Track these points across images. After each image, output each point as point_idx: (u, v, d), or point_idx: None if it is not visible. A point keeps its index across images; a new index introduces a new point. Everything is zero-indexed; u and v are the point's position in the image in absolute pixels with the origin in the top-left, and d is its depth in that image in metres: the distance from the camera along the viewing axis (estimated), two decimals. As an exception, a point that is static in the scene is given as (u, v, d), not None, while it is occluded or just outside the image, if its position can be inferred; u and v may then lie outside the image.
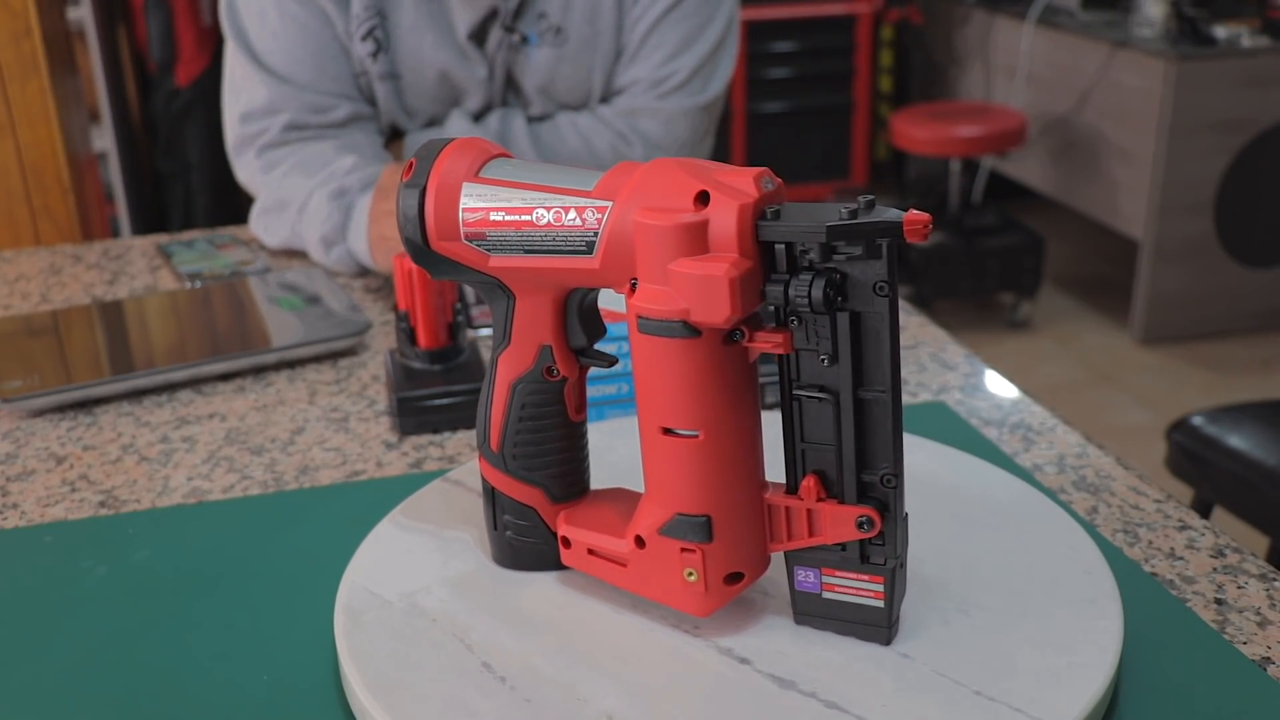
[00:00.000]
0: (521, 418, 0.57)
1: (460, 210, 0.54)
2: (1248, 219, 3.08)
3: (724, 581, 0.53)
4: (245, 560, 0.65)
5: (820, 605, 0.53)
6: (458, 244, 0.54)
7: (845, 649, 0.52)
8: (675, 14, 1.19)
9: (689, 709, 0.50)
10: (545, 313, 0.55)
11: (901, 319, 0.96)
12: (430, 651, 0.54)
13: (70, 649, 0.58)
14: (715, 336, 0.49)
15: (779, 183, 0.50)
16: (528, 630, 0.55)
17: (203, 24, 2.63)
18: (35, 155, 1.80)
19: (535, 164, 0.55)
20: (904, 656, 0.51)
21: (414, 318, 0.82)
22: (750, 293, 0.48)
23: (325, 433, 0.80)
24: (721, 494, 0.51)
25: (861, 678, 0.51)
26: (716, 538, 0.52)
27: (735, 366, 0.50)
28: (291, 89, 1.12)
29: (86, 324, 0.97)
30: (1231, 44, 2.96)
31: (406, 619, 0.56)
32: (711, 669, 0.52)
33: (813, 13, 3.87)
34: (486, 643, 0.54)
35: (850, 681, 0.50)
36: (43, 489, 0.74)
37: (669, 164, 0.50)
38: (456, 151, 0.55)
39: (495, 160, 0.55)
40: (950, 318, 3.36)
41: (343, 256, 1.07)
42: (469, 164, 0.54)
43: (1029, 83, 3.53)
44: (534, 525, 0.58)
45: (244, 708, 0.53)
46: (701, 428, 0.50)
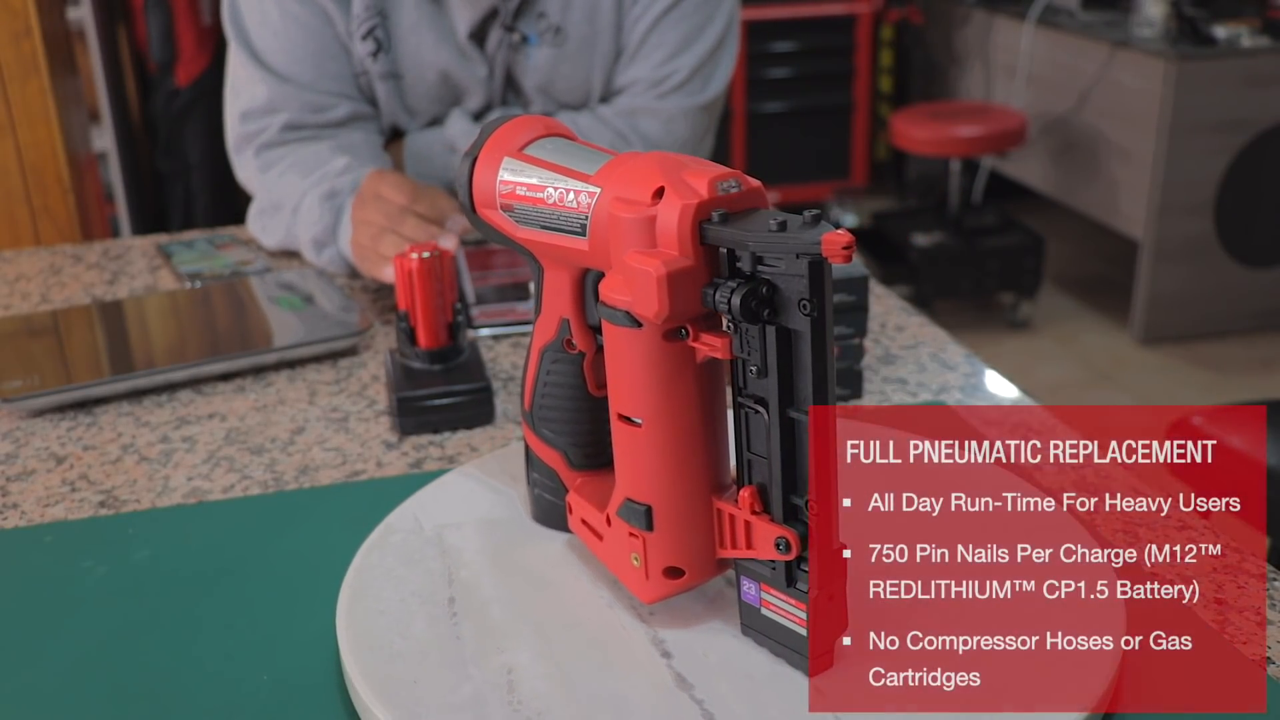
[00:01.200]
0: (546, 383, 0.60)
1: (497, 182, 0.57)
2: (1248, 219, 3.08)
3: (663, 573, 0.54)
4: (245, 560, 0.65)
5: (759, 620, 0.53)
6: (495, 213, 0.58)
7: (771, 668, 0.53)
8: (675, 13, 1.19)
9: (581, 684, 0.52)
10: (565, 287, 0.57)
11: (901, 319, 0.96)
12: (417, 574, 0.60)
13: (70, 649, 0.58)
14: (657, 330, 0.50)
15: (753, 186, 0.50)
16: (508, 579, 0.60)
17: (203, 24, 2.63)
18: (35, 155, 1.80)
19: (574, 145, 0.56)
20: (817, 692, 0.51)
21: (414, 318, 0.82)
22: (688, 292, 0.48)
23: (325, 433, 0.80)
24: (662, 486, 0.53)
25: (758, 700, 0.51)
26: (657, 528, 0.53)
27: (679, 363, 0.51)
28: (291, 88, 1.12)
29: (86, 324, 0.97)
30: (1231, 44, 2.96)
31: (424, 545, 0.62)
32: (632, 654, 0.54)
33: (813, 13, 3.87)
34: (469, 580, 0.59)
35: (746, 700, 0.51)
36: (43, 489, 0.74)
37: (648, 157, 0.51)
38: (513, 127, 0.58)
39: (544, 139, 0.57)
40: (950, 318, 3.36)
41: (334, 258, 1.07)
42: (519, 140, 0.57)
43: (1029, 83, 3.53)
44: (557, 486, 0.61)
45: (244, 707, 0.53)
46: (644, 417, 0.52)
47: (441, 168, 1.21)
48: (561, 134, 0.58)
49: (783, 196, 3.82)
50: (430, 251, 0.80)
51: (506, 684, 0.52)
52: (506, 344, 0.94)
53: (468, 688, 0.53)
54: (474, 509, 0.66)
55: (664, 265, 0.48)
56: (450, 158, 1.20)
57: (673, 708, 0.50)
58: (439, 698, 0.52)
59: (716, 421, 0.53)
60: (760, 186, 0.50)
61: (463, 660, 0.54)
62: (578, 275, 0.57)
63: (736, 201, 0.49)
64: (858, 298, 0.79)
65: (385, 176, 1.01)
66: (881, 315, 0.97)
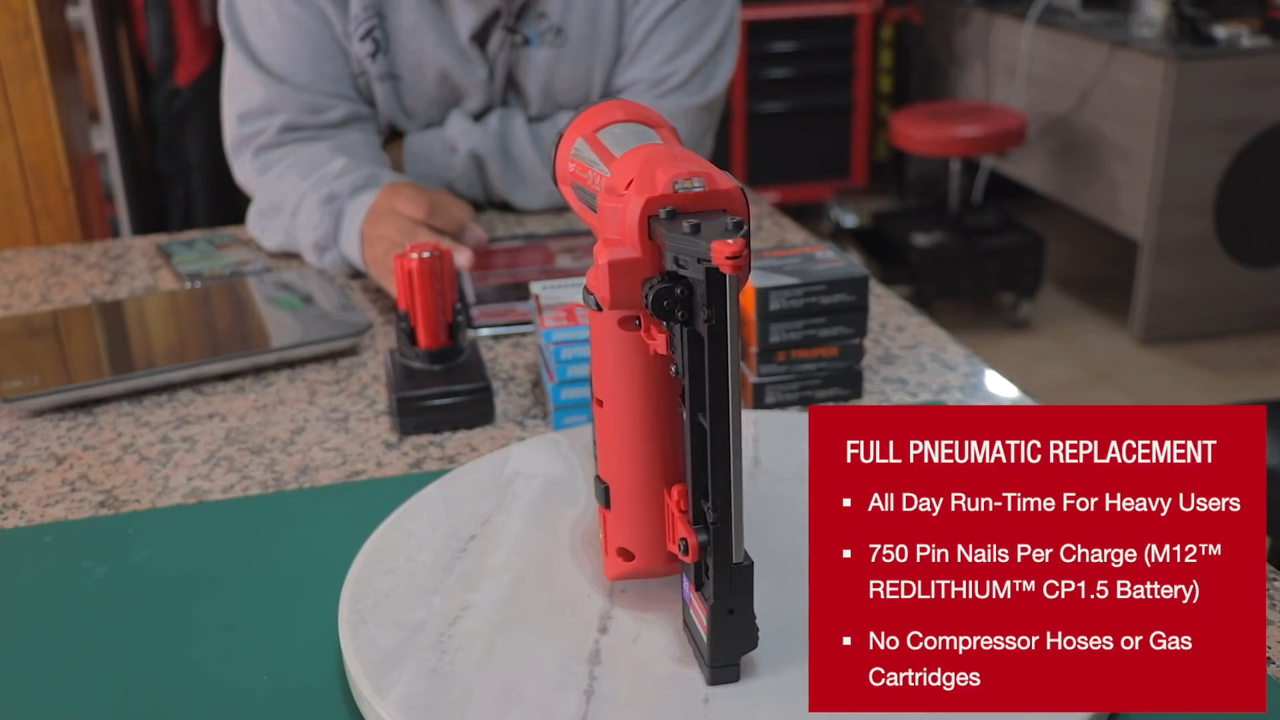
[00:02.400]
0: None
1: (569, 161, 0.59)
2: (1248, 219, 3.08)
3: (617, 553, 0.56)
4: (245, 560, 0.65)
5: (688, 618, 0.54)
6: (568, 188, 0.60)
7: (680, 669, 0.53)
8: (676, 14, 1.19)
9: (508, 637, 0.55)
10: None
11: (901, 319, 0.96)
12: (466, 508, 0.65)
13: (70, 649, 0.58)
14: (613, 317, 0.52)
15: (720, 189, 0.49)
16: (532, 532, 0.64)
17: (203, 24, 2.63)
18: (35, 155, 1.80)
19: (636, 130, 0.57)
20: (705, 701, 0.51)
21: (414, 318, 0.82)
22: (634, 283, 0.50)
23: (325, 433, 0.80)
24: (618, 467, 0.54)
25: (648, 693, 0.51)
26: (613, 508, 0.55)
27: (634, 350, 0.52)
28: (289, 89, 1.12)
29: (86, 324, 0.97)
30: (1231, 44, 2.96)
31: (491, 484, 0.68)
32: (573, 623, 0.56)
33: (813, 13, 3.87)
34: (500, 524, 0.64)
35: (636, 689, 0.52)
36: (43, 489, 0.74)
37: (650, 149, 0.52)
38: (597, 110, 0.59)
39: (618, 124, 0.58)
40: (950, 318, 3.36)
41: (336, 260, 1.07)
42: (597, 123, 0.58)
43: (1029, 83, 3.53)
44: None
45: (244, 708, 0.53)
46: (605, 398, 0.54)
47: (442, 168, 1.21)
48: (641, 119, 0.59)
49: (783, 197, 3.82)
50: (430, 251, 0.80)
51: (452, 618, 0.56)
52: (506, 344, 0.94)
53: (421, 613, 0.57)
54: (556, 467, 0.70)
55: (610, 254, 0.49)
56: (451, 158, 1.20)
57: (565, 678, 0.52)
58: (393, 614, 0.57)
59: (674, 413, 0.54)
60: (732, 189, 0.50)
61: (434, 589, 0.58)
62: None
63: (696, 201, 0.49)
64: (858, 298, 0.79)
65: (400, 190, 1.01)
66: (881, 315, 0.97)
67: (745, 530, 0.50)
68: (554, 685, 0.52)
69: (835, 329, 0.79)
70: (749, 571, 0.50)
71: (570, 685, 0.52)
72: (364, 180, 1.06)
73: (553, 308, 0.80)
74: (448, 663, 0.53)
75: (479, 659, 0.54)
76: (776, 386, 0.80)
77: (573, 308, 0.79)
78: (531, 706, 0.51)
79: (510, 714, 0.50)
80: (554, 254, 1.10)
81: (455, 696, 0.51)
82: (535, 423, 0.81)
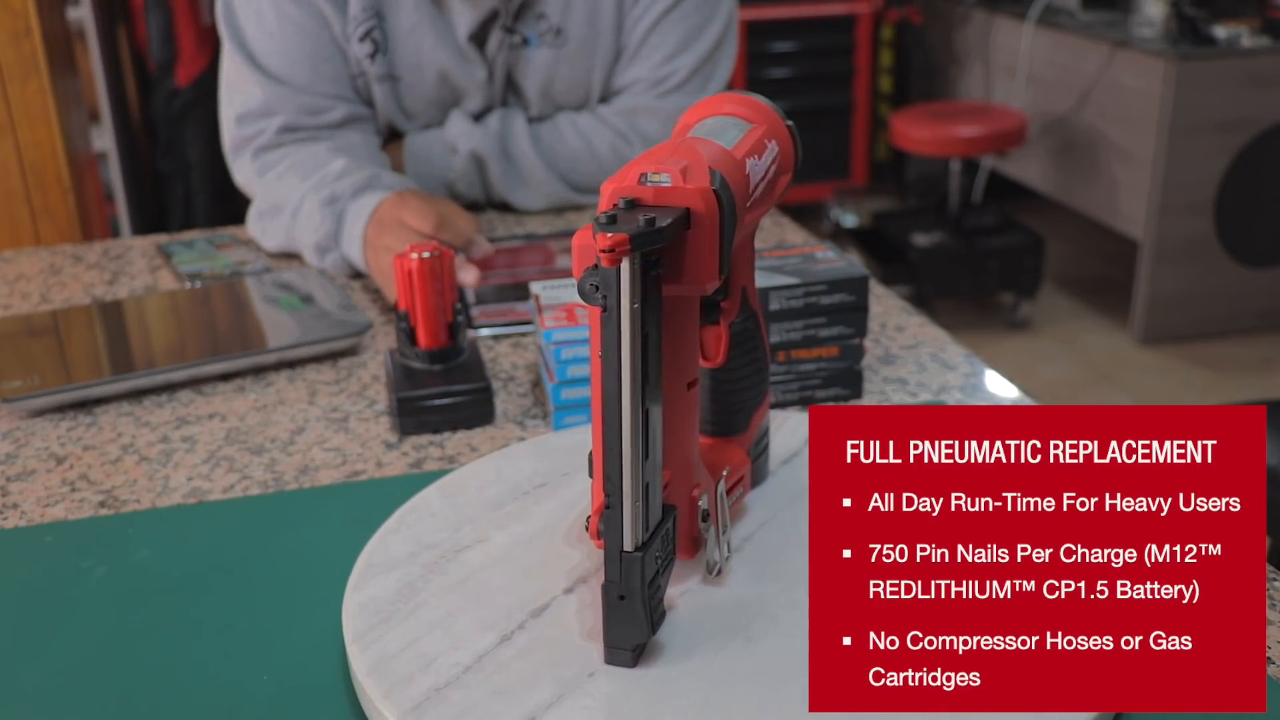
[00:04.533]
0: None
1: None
2: (1248, 219, 3.08)
3: (596, 514, 0.56)
4: (245, 560, 0.65)
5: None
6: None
7: (654, 654, 0.53)
8: (675, 14, 1.19)
9: (484, 585, 0.58)
10: None
11: (901, 319, 0.96)
12: (513, 474, 0.69)
13: (70, 649, 0.58)
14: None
15: (689, 188, 0.50)
16: (534, 523, 0.64)
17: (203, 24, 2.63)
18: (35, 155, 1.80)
19: (713, 125, 0.58)
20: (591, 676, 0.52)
21: (414, 318, 0.82)
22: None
23: (325, 433, 0.80)
24: (601, 438, 0.54)
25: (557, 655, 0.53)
26: (594, 476, 0.56)
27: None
28: (287, 90, 1.12)
29: (86, 324, 0.97)
30: (1232, 44, 2.96)
31: (554, 451, 0.71)
32: (544, 579, 0.58)
33: (813, 13, 3.87)
34: (540, 494, 0.67)
35: (549, 648, 0.53)
36: (43, 489, 0.74)
37: (670, 144, 0.53)
38: (701, 105, 0.61)
39: (709, 119, 0.60)
40: (950, 318, 3.36)
41: (337, 261, 1.07)
42: (695, 116, 0.61)
43: (1029, 83, 3.53)
44: None
45: (244, 708, 0.53)
46: (591, 372, 0.54)
47: (441, 169, 1.21)
48: (737, 113, 0.60)
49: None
50: (430, 251, 0.80)
51: (448, 557, 0.61)
52: (506, 344, 0.94)
53: (427, 555, 0.61)
54: (556, 467, 0.71)
55: (578, 235, 0.51)
56: (451, 159, 1.20)
57: (503, 622, 0.55)
58: (402, 546, 0.61)
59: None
60: (696, 190, 0.50)
61: (446, 529, 0.63)
62: None
63: (661, 195, 0.50)
64: (858, 298, 0.79)
65: (407, 201, 1.01)
66: (881, 315, 0.97)
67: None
68: (485, 625, 0.55)
69: (835, 329, 0.79)
70: (637, 563, 0.50)
71: (499, 627, 0.55)
72: (365, 181, 1.06)
73: (553, 308, 0.80)
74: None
75: (439, 591, 0.56)
76: (777, 386, 0.80)
77: (573, 308, 0.79)
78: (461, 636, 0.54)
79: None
80: (554, 254, 1.10)
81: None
82: (535, 423, 0.81)
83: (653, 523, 0.51)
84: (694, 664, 0.52)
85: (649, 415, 0.50)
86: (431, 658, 0.54)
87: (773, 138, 0.60)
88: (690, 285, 0.51)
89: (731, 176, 0.53)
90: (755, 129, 0.59)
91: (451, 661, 0.54)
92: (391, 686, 0.52)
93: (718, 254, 0.50)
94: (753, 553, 0.60)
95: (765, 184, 0.58)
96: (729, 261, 0.52)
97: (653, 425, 0.50)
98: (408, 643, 0.55)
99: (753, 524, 0.63)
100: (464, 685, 0.52)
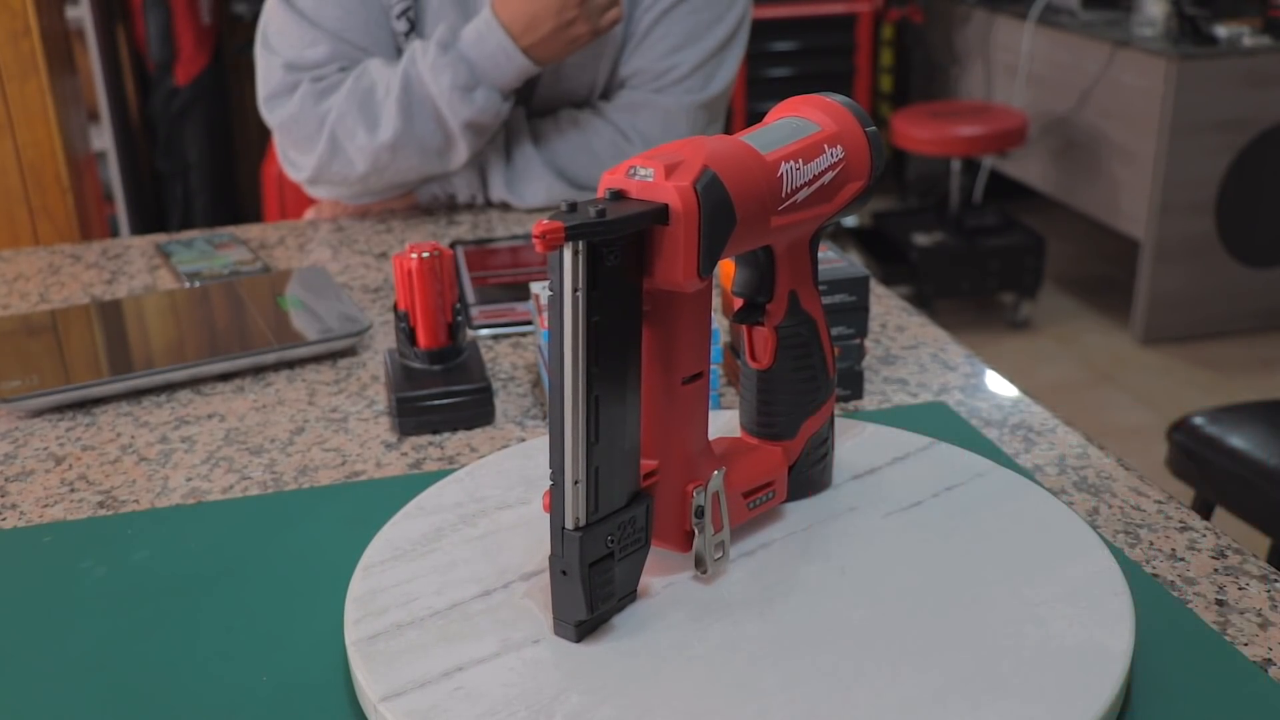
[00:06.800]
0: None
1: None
2: (1248, 219, 3.08)
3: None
4: (244, 561, 0.65)
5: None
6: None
7: (605, 634, 0.53)
8: (685, 7, 1.19)
9: (493, 546, 0.60)
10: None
11: (902, 319, 0.96)
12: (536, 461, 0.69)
13: (70, 649, 0.58)
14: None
15: (668, 184, 0.50)
16: (539, 521, 0.63)
17: (202, 23, 2.63)
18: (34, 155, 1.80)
19: (786, 124, 0.59)
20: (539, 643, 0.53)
21: (414, 318, 0.82)
22: None
23: (325, 433, 0.80)
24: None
25: (505, 616, 0.54)
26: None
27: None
28: (345, 46, 1.17)
29: (85, 324, 0.97)
30: (1232, 43, 2.96)
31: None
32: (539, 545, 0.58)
33: (813, 12, 3.87)
34: (502, 515, 0.65)
35: (512, 612, 0.54)
36: (42, 489, 0.74)
37: (680, 143, 0.53)
38: (783, 105, 0.63)
39: (784, 119, 0.60)
40: (950, 318, 3.36)
41: (488, 97, 1.12)
42: (773, 115, 0.62)
43: (1029, 82, 3.53)
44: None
45: (243, 708, 0.53)
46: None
47: None
48: (811, 116, 0.61)
49: (783, 196, 3.81)
50: (430, 251, 0.80)
51: (486, 512, 0.63)
52: (506, 344, 0.94)
53: (471, 506, 0.64)
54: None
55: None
56: None
57: (487, 575, 0.57)
58: (454, 495, 0.65)
59: (650, 387, 0.54)
60: (675, 187, 0.50)
61: (501, 486, 0.65)
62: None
63: (644, 189, 0.50)
64: (858, 298, 0.79)
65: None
66: (882, 315, 0.97)
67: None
68: (475, 578, 0.56)
69: (836, 329, 0.79)
70: (575, 542, 0.50)
71: (484, 582, 0.56)
72: (451, 27, 1.12)
73: (553, 308, 0.79)
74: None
75: (442, 565, 0.56)
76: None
77: (572, 308, 0.79)
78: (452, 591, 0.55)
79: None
80: (554, 254, 1.10)
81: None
82: (535, 423, 0.81)
83: (606, 507, 0.51)
84: (635, 648, 0.51)
85: (599, 401, 0.49)
86: (414, 597, 0.55)
87: (839, 143, 0.59)
88: (664, 280, 0.51)
89: (743, 178, 0.52)
90: (819, 133, 0.58)
91: (426, 605, 0.55)
92: (365, 614, 0.54)
93: (695, 252, 0.50)
94: (764, 558, 0.58)
95: (815, 189, 0.57)
96: (714, 261, 0.51)
97: (605, 412, 0.50)
98: (405, 579, 0.57)
99: (779, 531, 0.61)
100: (422, 627, 0.53)
